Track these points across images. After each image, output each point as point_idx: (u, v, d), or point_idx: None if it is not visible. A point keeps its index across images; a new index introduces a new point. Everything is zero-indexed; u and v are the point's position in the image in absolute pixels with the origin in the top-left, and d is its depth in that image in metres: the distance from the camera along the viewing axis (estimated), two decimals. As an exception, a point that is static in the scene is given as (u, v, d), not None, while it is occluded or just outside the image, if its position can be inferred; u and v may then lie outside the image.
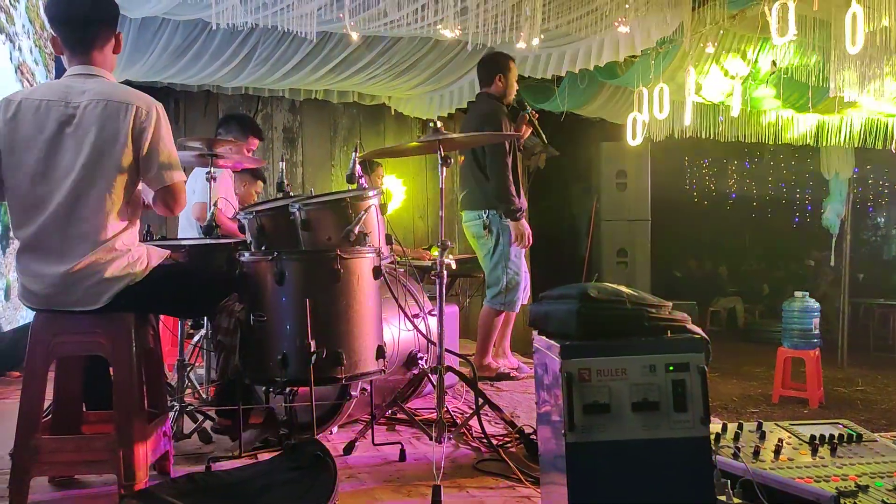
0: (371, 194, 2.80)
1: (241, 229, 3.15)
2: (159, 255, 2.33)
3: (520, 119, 4.32)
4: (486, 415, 3.13)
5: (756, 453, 2.14)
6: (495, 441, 2.85)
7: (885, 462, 2.14)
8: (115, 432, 2.22)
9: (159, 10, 4.23)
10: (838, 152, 8.32)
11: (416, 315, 3.27)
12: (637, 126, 5.73)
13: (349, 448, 2.81)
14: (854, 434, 2.32)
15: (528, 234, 4.21)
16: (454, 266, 2.91)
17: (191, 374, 3.33)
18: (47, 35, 4.96)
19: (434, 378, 2.80)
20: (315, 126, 7.48)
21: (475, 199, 4.28)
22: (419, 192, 7.80)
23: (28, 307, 2.29)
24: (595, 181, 8.80)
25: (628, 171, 8.55)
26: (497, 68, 4.36)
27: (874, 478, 2.02)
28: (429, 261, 4.73)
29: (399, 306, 3.05)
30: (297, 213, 2.71)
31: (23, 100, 2.22)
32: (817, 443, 2.24)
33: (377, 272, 2.68)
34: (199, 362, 3.47)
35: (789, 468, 2.06)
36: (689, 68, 5.13)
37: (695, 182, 13.43)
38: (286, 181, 3.17)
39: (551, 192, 8.78)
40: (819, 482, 1.97)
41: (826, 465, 2.11)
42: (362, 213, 2.69)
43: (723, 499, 1.86)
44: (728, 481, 1.92)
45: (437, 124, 2.78)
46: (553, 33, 4.54)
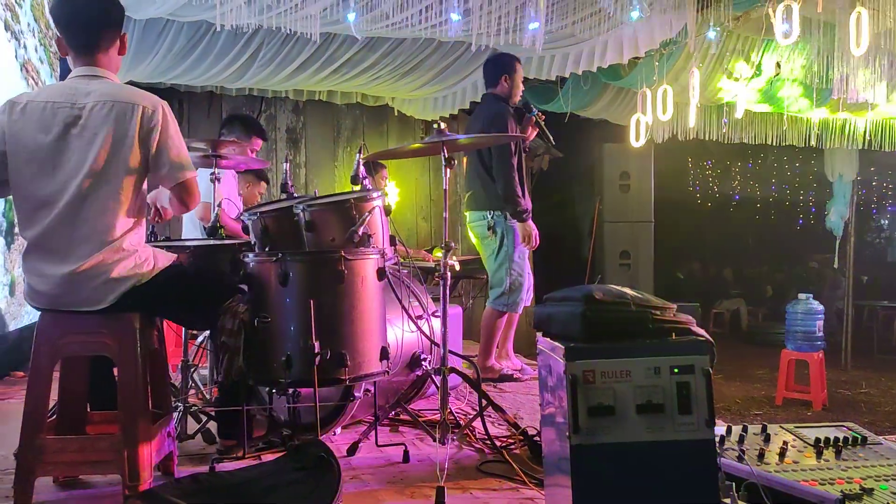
0: (375, 195, 2.80)
1: (245, 230, 3.15)
2: (167, 258, 2.34)
3: (526, 121, 4.32)
4: (490, 416, 3.12)
5: (761, 456, 2.14)
6: (499, 442, 2.85)
7: (890, 465, 2.14)
8: (119, 433, 2.22)
9: (164, 12, 4.24)
10: (842, 154, 8.31)
11: (420, 316, 3.27)
12: (640, 127, 5.74)
13: (353, 449, 2.81)
14: (859, 437, 2.32)
15: (534, 234, 4.21)
16: (457, 267, 2.91)
17: (195, 374, 3.34)
18: (52, 34, 4.98)
19: (437, 379, 2.81)
20: (318, 127, 7.49)
21: (480, 200, 4.27)
22: (422, 194, 7.80)
23: (34, 307, 2.29)
24: (598, 182, 8.79)
25: (631, 173, 8.55)
26: (503, 69, 4.35)
27: (879, 480, 2.01)
28: (431, 262, 4.74)
29: (402, 307, 3.05)
30: (301, 214, 2.71)
31: (28, 101, 2.22)
32: (822, 445, 2.23)
33: (381, 273, 2.68)
34: (203, 363, 3.47)
35: (794, 471, 2.06)
36: (692, 70, 5.12)
37: (698, 183, 13.41)
38: (290, 182, 3.17)
39: (554, 194, 8.78)
40: (824, 485, 1.97)
41: (831, 468, 2.10)
42: (366, 214, 2.69)
43: (727, 501, 1.86)
44: (733, 484, 1.91)
45: (441, 125, 2.78)
46: (557, 34, 4.55)
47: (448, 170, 2.78)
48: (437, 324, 3.32)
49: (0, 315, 3.90)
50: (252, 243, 2.83)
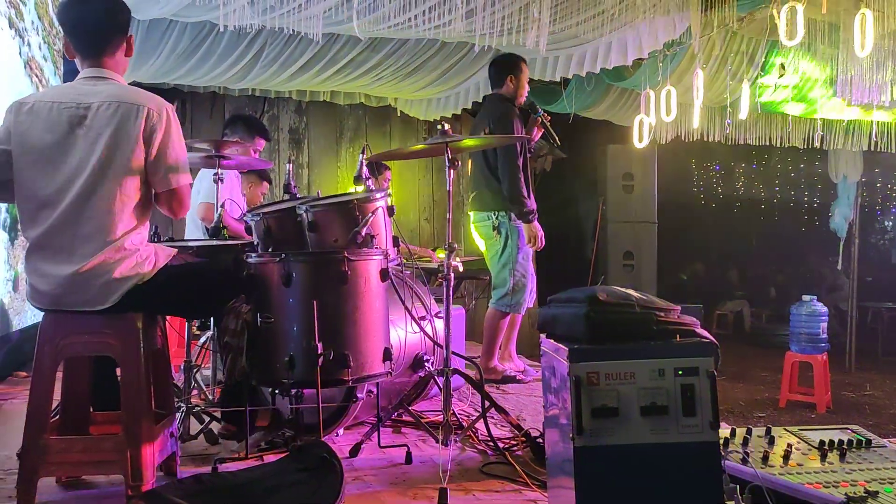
0: (378, 196, 2.79)
1: (248, 231, 3.15)
2: (167, 255, 2.34)
3: (531, 122, 4.31)
4: (493, 417, 3.12)
5: (765, 458, 2.14)
6: (502, 444, 2.84)
7: (895, 467, 2.13)
8: (122, 433, 2.22)
9: (168, 12, 4.24)
10: (846, 156, 8.29)
11: (423, 317, 3.26)
12: (643, 128, 5.73)
13: (355, 450, 2.81)
14: (863, 439, 2.31)
15: (540, 235, 4.20)
16: (461, 269, 2.91)
17: (197, 375, 3.34)
18: (56, 32, 4.99)
19: (440, 380, 2.80)
20: (321, 127, 7.49)
21: (485, 201, 4.27)
22: (425, 194, 7.80)
23: (36, 307, 2.29)
24: (601, 183, 8.78)
25: (635, 174, 8.52)
26: (508, 69, 4.34)
27: (884, 483, 2.01)
28: (435, 263, 4.74)
29: (405, 308, 3.05)
30: (304, 215, 2.71)
31: (35, 102, 2.24)
32: (826, 448, 2.23)
33: (384, 274, 2.67)
34: (206, 363, 3.47)
35: (798, 473, 2.05)
36: (696, 71, 5.11)
37: (702, 185, 13.39)
38: (293, 183, 3.17)
39: (557, 195, 8.77)
40: (828, 488, 1.97)
41: (835, 471, 2.10)
42: (369, 215, 2.69)
43: (731, 504, 1.86)
44: (737, 486, 1.91)
45: (445, 126, 2.78)
46: (560, 35, 4.54)
47: (451, 171, 2.78)
48: (439, 325, 3.32)
49: (3, 310, 3.91)
50: (255, 244, 2.83)
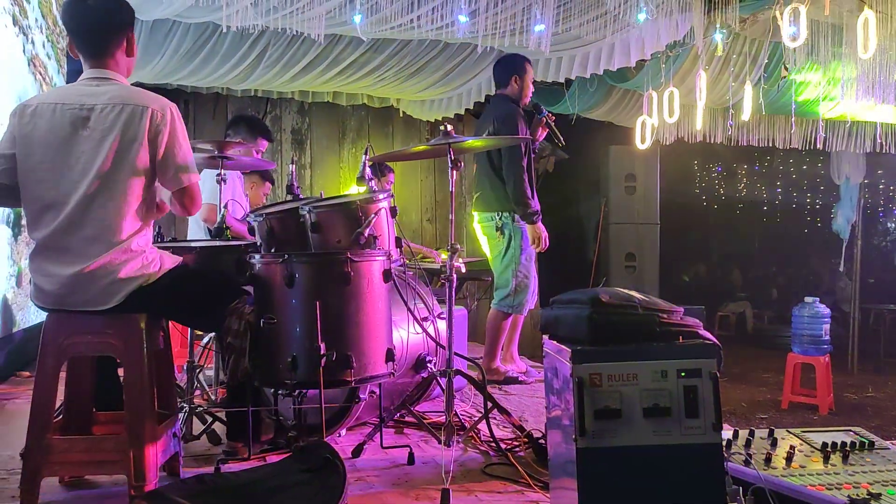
0: (381, 197, 2.79)
1: (251, 231, 3.15)
2: (173, 261, 2.35)
3: (536, 122, 4.31)
4: (495, 418, 3.12)
5: (768, 460, 2.14)
6: (504, 445, 2.84)
7: (898, 470, 2.13)
8: (125, 433, 2.22)
9: (171, 13, 4.25)
10: (849, 157, 8.28)
11: (425, 318, 3.26)
12: (646, 129, 5.73)
13: (358, 451, 2.81)
14: (866, 441, 2.31)
15: (544, 236, 4.20)
16: (464, 270, 2.90)
17: (200, 375, 3.34)
18: (59, 31, 5.00)
19: (443, 381, 2.80)
20: (324, 128, 7.50)
21: (489, 201, 4.26)
22: (427, 195, 7.80)
23: (39, 307, 2.30)
24: (603, 184, 8.78)
25: (637, 175, 8.52)
26: (513, 69, 4.32)
27: (886, 485, 2.01)
28: (438, 262, 4.74)
29: (408, 309, 3.05)
30: (307, 216, 2.71)
31: (39, 104, 2.24)
32: (829, 450, 2.23)
33: (387, 275, 2.67)
34: (209, 364, 3.48)
35: (801, 475, 2.06)
36: (699, 72, 5.11)
37: (704, 186, 13.37)
38: (296, 183, 3.17)
39: (559, 196, 8.76)
40: (831, 489, 1.97)
41: (838, 473, 2.10)
42: (372, 215, 2.69)
43: (734, 506, 1.86)
44: (740, 488, 1.91)
45: (448, 127, 2.78)
46: (563, 36, 4.54)
47: (454, 171, 2.77)
48: (442, 326, 3.32)
49: (7, 305, 3.91)
50: (258, 244, 2.84)
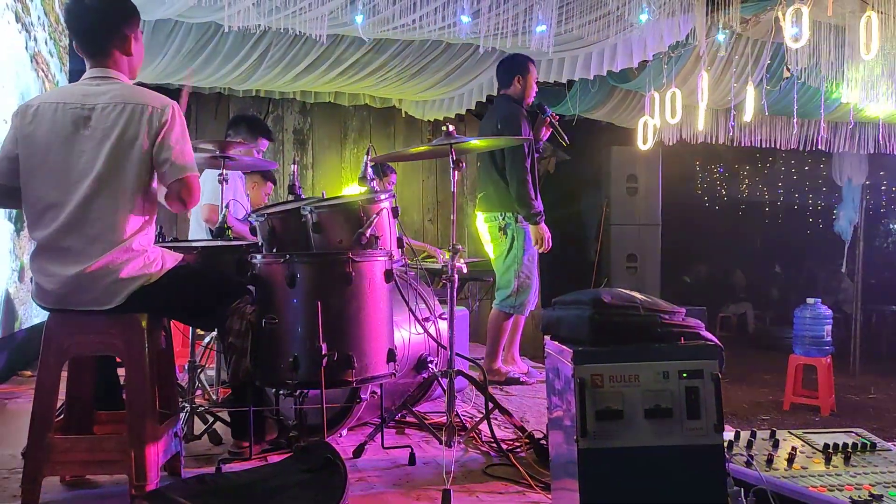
0: (383, 197, 2.79)
1: (253, 231, 3.15)
2: (174, 259, 2.34)
3: (539, 122, 4.30)
4: (496, 419, 3.12)
5: (769, 461, 2.13)
6: (505, 445, 2.84)
7: (900, 471, 2.12)
8: (126, 433, 2.23)
9: (173, 13, 4.26)
10: (851, 158, 8.28)
11: (427, 318, 3.26)
12: (648, 130, 5.72)
13: (359, 451, 2.81)
14: (868, 443, 2.31)
15: (547, 237, 4.19)
16: (465, 270, 2.90)
17: (201, 375, 3.34)
18: (62, 29, 5.00)
19: (444, 382, 2.80)
20: (325, 128, 7.50)
21: (491, 202, 4.26)
22: (428, 195, 7.80)
23: (41, 307, 2.30)
24: (605, 185, 8.77)
25: (639, 176, 8.52)
26: (516, 69, 4.31)
27: (888, 487, 2.00)
28: (440, 263, 4.74)
29: (409, 310, 3.05)
30: (308, 216, 2.71)
31: (40, 104, 2.25)
32: (831, 451, 2.22)
33: (389, 275, 2.67)
34: (210, 364, 3.48)
35: (802, 477, 2.05)
36: (701, 73, 5.11)
37: (706, 187, 13.36)
38: (297, 183, 3.17)
39: (561, 196, 8.75)
40: (832, 491, 1.96)
41: (840, 474, 2.09)
42: (374, 216, 2.69)
43: (735, 507, 1.85)
44: (741, 489, 1.91)
45: (450, 128, 2.78)
46: (565, 37, 4.54)
47: (456, 172, 2.77)
48: (443, 326, 3.32)
49: (9, 300, 3.91)
50: (259, 244, 2.84)
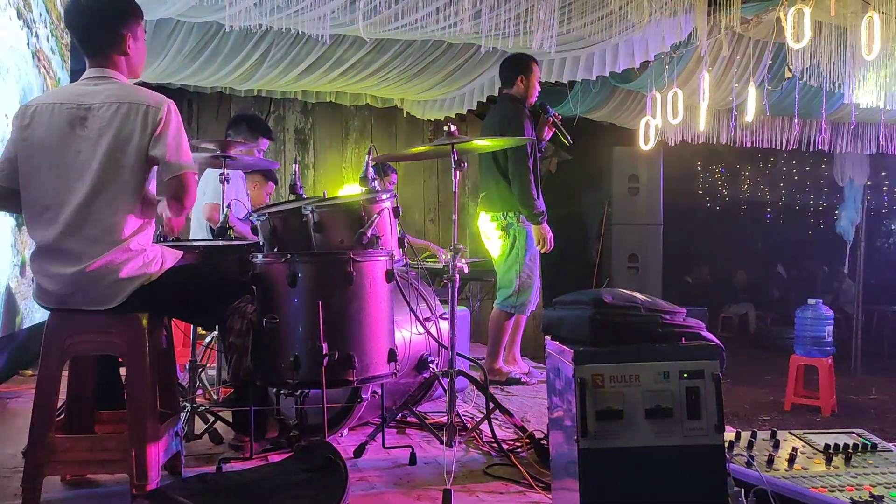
0: (384, 197, 2.79)
1: (254, 231, 3.15)
2: (174, 257, 2.34)
3: (542, 122, 4.30)
4: (497, 419, 3.12)
5: (770, 462, 2.13)
6: (506, 445, 2.84)
7: (901, 472, 2.12)
8: (127, 432, 2.23)
9: (174, 12, 4.26)
10: (853, 159, 8.27)
11: (428, 318, 3.26)
12: (649, 130, 5.72)
13: (360, 451, 2.81)
14: (869, 443, 2.31)
15: (549, 237, 4.19)
16: (466, 270, 2.90)
17: (202, 374, 3.35)
18: (63, 27, 5.00)
19: (445, 382, 2.80)
20: (327, 128, 7.50)
21: (493, 201, 4.26)
22: (430, 195, 7.80)
23: (42, 307, 2.30)
24: (606, 185, 8.76)
25: (640, 176, 8.51)
26: (519, 69, 4.31)
27: (889, 488, 2.00)
28: (441, 263, 4.74)
29: (410, 309, 3.05)
30: (310, 216, 2.71)
31: (38, 105, 2.25)
32: (831, 452, 2.22)
33: (390, 275, 2.67)
34: (211, 363, 3.48)
35: (803, 477, 2.05)
36: (702, 73, 5.10)
37: (707, 187, 13.35)
38: (299, 183, 3.17)
39: (562, 196, 8.75)
40: (833, 491, 1.96)
41: (840, 475, 2.09)
42: (375, 215, 2.69)
43: (736, 507, 1.85)
44: (741, 490, 1.91)
45: (451, 128, 2.78)
46: (567, 37, 4.53)
47: (457, 172, 2.77)
48: (444, 326, 3.32)
49: (11, 294, 3.92)
50: (261, 244, 2.84)
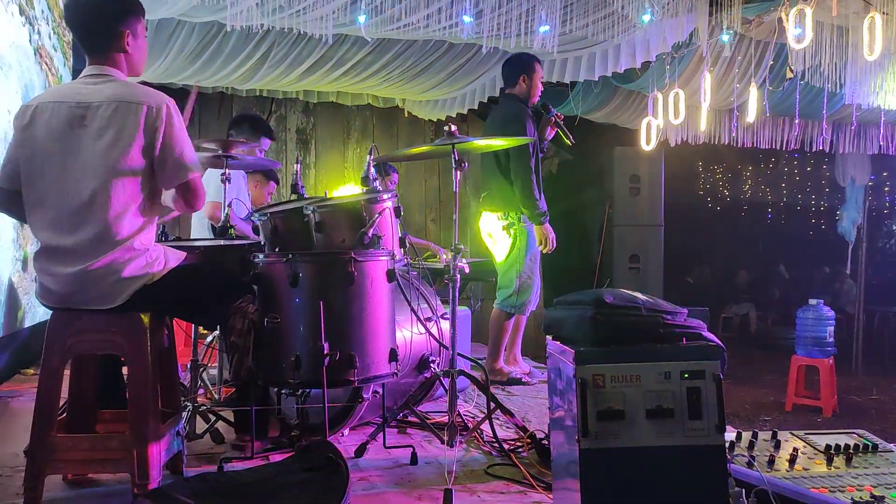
0: (385, 197, 2.80)
1: (255, 230, 3.15)
2: (177, 257, 2.35)
3: (544, 122, 4.29)
4: (498, 419, 3.12)
5: (771, 462, 2.13)
6: (507, 445, 2.84)
7: (902, 473, 2.12)
8: (129, 431, 2.23)
9: (176, 12, 4.26)
10: (854, 159, 8.26)
11: (429, 318, 3.26)
12: (651, 131, 5.71)
13: (361, 451, 2.81)
14: (870, 444, 2.31)
15: (551, 237, 4.19)
16: (467, 270, 2.90)
17: (204, 374, 3.35)
18: (65, 23, 5.00)
19: (446, 381, 2.80)
20: (328, 128, 7.51)
21: (495, 201, 4.26)
22: (431, 195, 7.80)
23: (45, 306, 2.31)
24: (608, 186, 8.76)
25: (642, 176, 8.50)
26: (521, 69, 4.31)
27: (890, 488, 2.00)
28: (442, 263, 4.74)
29: (411, 309, 3.05)
30: (311, 215, 2.71)
31: (38, 104, 2.25)
32: (832, 452, 2.22)
33: (391, 275, 2.68)
34: (213, 363, 3.48)
35: (804, 478, 2.05)
36: (703, 73, 5.10)
37: (709, 187, 13.35)
38: (300, 183, 3.17)
39: (563, 197, 8.74)
40: (834, 492, 1.96)
41: (841, 475, 2.09)
42: (376, 215, 2.69)
43: (737, 508, 1.85)
44: (742, 490, 1.91)
45: (452, 128, 2.78)
46: (568, 38, 4.53)
47: (458, 172, 2.78)
48: (445, 326, 3.32)
49: (13, 289, 3.92)
50: (262, 244, 2.84)
